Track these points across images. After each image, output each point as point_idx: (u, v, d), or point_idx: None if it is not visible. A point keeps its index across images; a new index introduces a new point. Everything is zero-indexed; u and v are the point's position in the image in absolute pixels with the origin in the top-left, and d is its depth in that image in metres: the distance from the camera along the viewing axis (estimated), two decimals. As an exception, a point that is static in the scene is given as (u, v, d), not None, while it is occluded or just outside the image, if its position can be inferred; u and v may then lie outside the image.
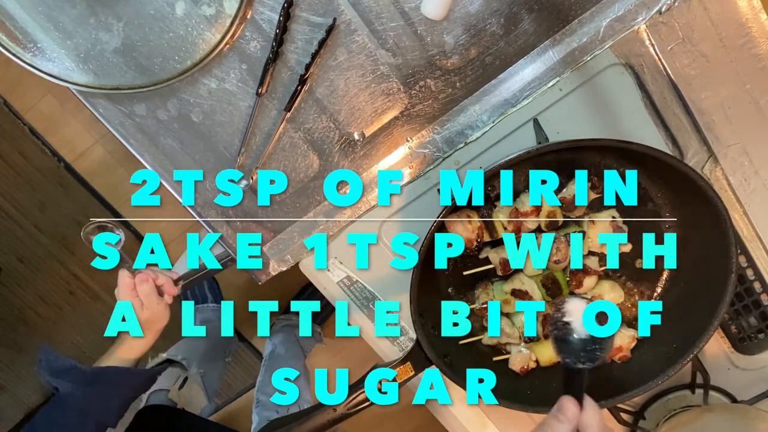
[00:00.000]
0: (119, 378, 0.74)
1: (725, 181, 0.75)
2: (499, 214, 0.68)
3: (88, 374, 0.72)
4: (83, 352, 1.68)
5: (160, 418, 1.08)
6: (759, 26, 0.67)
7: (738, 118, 0.71)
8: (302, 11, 0.66)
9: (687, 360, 0.68)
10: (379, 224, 0.75)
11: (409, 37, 0.67)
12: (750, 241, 0.77)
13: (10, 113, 1.50)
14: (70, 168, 1.55)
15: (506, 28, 0.68)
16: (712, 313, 0.67)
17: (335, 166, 0.73)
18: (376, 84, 0.69)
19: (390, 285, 0.78)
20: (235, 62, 0.67)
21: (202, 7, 0.64)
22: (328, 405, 0.67)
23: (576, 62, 0.68)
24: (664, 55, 0.69)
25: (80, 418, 0.72)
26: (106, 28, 0.64)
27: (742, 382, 0.84)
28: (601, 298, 0.71)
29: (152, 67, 0.66)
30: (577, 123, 0.71)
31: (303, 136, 0.72)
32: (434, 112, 0.71)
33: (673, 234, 0.70)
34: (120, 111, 0.69)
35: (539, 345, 0.73)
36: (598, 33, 0.67)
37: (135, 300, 0.72)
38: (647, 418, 0.83)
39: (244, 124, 0.70)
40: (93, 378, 0.72)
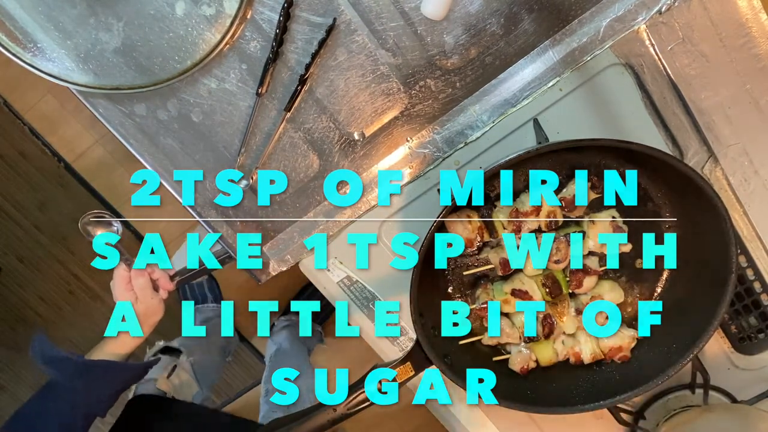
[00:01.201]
0: (111, 370, 0.74)
1: (725, 181, 0.75)
2: (499, 214, 0.68)
3: (79, 366, 0.72)
4: (83, 351, 1.68)
5: (150, 407, 1.08)
6: (759, 26, 0.67)
7: (738, 118, 0.71)
8: (302, 11, 0.66)
9: (687, 360, 0.68)
10: (379, 224, 0.75)
11: (409, 37, 0.67)
12: (750, 241, 0.77)
13: (10, 113, 1.50)
14: (70, 168, 1.55)
15: (506, 28, 0.68)
16: (712, 313, 0.67)
17: (335, 166, 0.73)
18: (376, 84, 0.69)
19: (390, 285, 0.78)
20: (235, 62, 0.67)
21: (202, 7, 0.64)
22: (328, 405, 0.67)
23: (576, 62, 0.68)
24: (664, 55, 0.69)
25: (69, 408, 0.71)
26: (106, 28, 0.64)
27: (742, 382, 0.84)
28: (601, 298, 0.71)
29: (152, 67, 0.66)
30: (577, 123, 0.71)
31: (303, 136, 0.72)
32: (434, 112, 0.71)
33: (673, 234, 0.70)
34: (120, 111, 0.69)
35: (539, 345, 0.73)
36: (598, 33, 0.67)
37: (130, 293, 0.72)
38: (647, 418, 0.83)
39: (244, 124, 0.70)
40: (84, 370, 0.72)
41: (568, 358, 0.74)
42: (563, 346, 0.73)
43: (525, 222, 0.67)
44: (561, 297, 0.71)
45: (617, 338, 0.72)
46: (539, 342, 0.72)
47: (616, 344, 0.72)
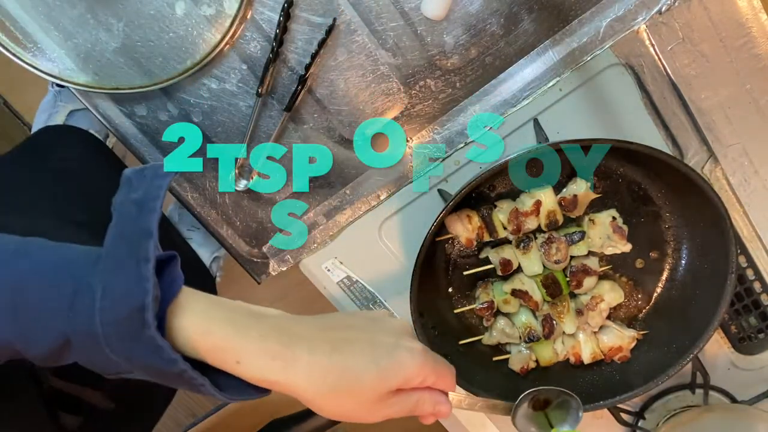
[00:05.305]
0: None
1: (725, 181, 0.75)
2: (499, 214, 0.68)
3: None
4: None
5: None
6: (759, 26, 0.67)
7: (738, 118, 0.72)
8: (302, 11, 0.66)
9: (687, 360, 0.69)
10: (379, 224, 0.75)
11: (409, 37, 0.67)
12: (750, 241, 0.77)
13: (10, 113, 1.50)
14: (70, 168, 1.55)
15: (506, 28, 0.68)
16: (712, 313, 0.67)
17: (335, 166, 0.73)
18: (376, 84, 0.69)
19: (390, 285, 0.78)
20: (235, 62, 0.67)
21: (202, 7, 0.64)
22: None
23: (576, 62, 0.69)
24: (664, 55, 0.69)
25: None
26: (106, 28, 0.64)
27: (742, 382, 0.84)
28: (601, 298, 0.71)
29: (152, 67, 0.66)
30: (577, 123, 0.71)
31: (303, 136, 0.72)
32: (434, 112, 0.71)
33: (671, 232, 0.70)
34: (120, 111, 0.69)
35: (539, 345, 0.73)
36: (598, 33, 0.67)
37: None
38: (647, 418, 0.84)
39: (244, 124, 0.70)
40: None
41: (568, 358, 0.74)
42: (563, 346, 0.73)
43: (525, 222, 0.67)
44: (561, 297, 0.71)
45: (617, 338, 0.72)
46: (539, 342, 0.72)
47: (616, 344, 0.72)
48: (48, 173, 0.82)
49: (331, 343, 0.42)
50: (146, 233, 0.37)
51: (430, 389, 0.47)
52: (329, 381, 0.41)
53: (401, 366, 0.43)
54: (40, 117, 1.10)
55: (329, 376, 0.41)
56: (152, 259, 0.36)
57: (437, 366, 0.46)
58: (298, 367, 0.40)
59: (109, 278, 0.35)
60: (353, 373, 0.41)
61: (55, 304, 0.35)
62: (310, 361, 0.40)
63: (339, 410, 0.42)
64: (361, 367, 0.42)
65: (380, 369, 0.42)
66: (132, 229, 0.37)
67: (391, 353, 0.43)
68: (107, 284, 0.35)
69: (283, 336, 0.40)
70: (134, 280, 0.35)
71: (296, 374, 0.40)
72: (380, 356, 0.43)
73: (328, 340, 0.42)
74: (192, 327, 0.38)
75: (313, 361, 0.40)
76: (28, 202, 0.76)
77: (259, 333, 0.40)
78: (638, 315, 0.75)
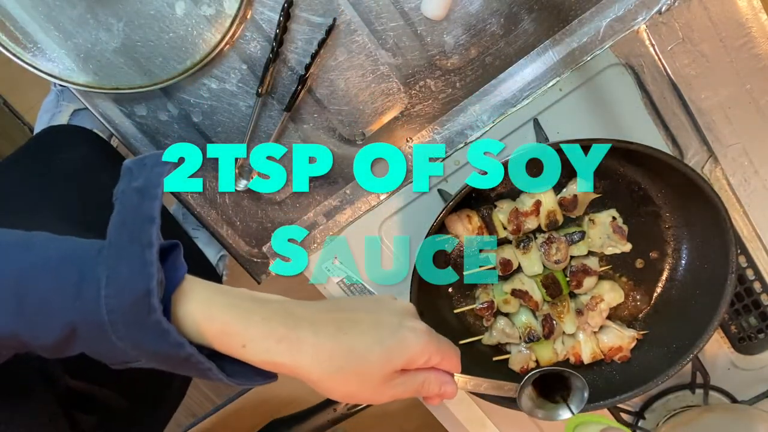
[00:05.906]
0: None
1: (725, 181, 0.75)
2: (499, 214, 0.69)
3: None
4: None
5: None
6: (759, 26, 0.67)
7: (738, 118, 0.72)
8: (302, 11, 0.66)
9: (687, 360, 0.69)
10: (379, 224, 0.75)
11: (409, 37, 0.67)
12: (750, 241, 0.77)
13: (10, 113, 1.50)
14: (70, 168, 1.55)
15: (506, 28, 0.68)
16: (712, 313, 0.67)
17: (335, 166, 0.73)
18: (376, 84, 0.69)
19: (390, 285, 0.78)
20: (235, 62, 0.67)
21: (202, 7, 0.64)
22: (328, 405, 0.67)
23: (576, 62, 0.69)
24: (664, 55, 0.69)
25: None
26: (106, 28, 0.64)
27: (742, 382, 0.84)
28: (601, 298, 0.71)
29: (152, 67, 0.66)
30: (577, 123, 0.71)
31: (303, 136, 0.72)
32: (434, 112, 0.71)
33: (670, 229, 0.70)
34: (120, 111, 0.69)
35: (539, 345, 0.73)
36: (598, 33, 0.67)
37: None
38: (647, 418, 0.83)
39: (244, 124, 0.70)
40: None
41: (568, 358, 0.74)
42: (563, 346, 0.73)
43: (525, 222, 0.68)
44: (561, 297, 0.71)
45: (617, 338, 0.72)
46: (539, 342, 0.72)
47: (616, 344, 0.72)
48: (54, 174, 0.82)
49: (336, 324, 0.42)
50: (149, 219, 0.37)
51: (435, 370, 0.47)
52: (335, 362, 0.41)
53: (406, 345, 0.43)
54: (43, 117, 1.09)
55: (335, 357, 0.41)
56: (156, 244, 0.36)
57: (441, 346, 0.47)
58: (303, 349, 0.40)
59: (113, 265, 0.35)
60: (358, 353, 0.41)
61: (60, 295, 0.35)
62: (316, 342, 0.40)
63: (345, 391, 0.42)
64: (366, 347, 0.42)
65: (385, 348, 0.42)
66: (134, 216, 0.37)
67: (395, 333, 0.43)
68: (111, 271, 0.35)
69: (288, 319, 0.40)
70: (138, 265, 0.35)
71: (302, 356, 0.40)
72: (385, 336, 0.43)
73: (333, 322, 0.42)
74: (197, 313, 0.38)
75: (319, 343, 0.40)
76: (35, 203, 0.76)
77: (264, 317, 0.40)
78: (638, 315, 0.75)
